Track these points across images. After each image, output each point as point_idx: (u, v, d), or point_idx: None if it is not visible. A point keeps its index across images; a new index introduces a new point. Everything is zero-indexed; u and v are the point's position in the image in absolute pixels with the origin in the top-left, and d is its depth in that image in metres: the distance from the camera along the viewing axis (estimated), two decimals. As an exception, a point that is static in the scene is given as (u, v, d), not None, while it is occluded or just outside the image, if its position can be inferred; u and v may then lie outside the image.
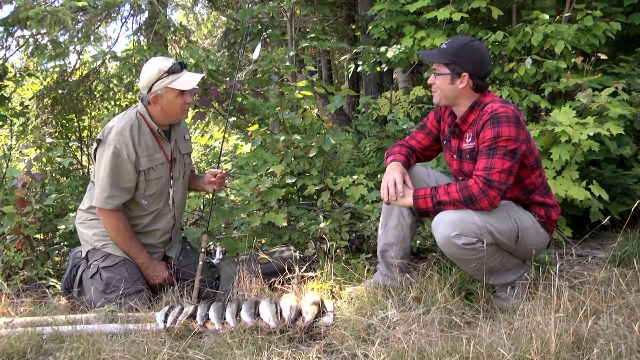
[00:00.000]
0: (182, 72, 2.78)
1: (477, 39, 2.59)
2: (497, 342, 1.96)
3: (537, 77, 4.21)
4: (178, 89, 2.74)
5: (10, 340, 2.19)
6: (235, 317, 2.32)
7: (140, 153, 2.76)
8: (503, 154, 2.37)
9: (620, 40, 4.85)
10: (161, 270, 2.86)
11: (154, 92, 2.75)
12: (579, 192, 3.40)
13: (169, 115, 2.82)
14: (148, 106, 2.80)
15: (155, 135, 2.84)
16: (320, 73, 11.82)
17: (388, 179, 2.54)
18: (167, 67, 2.73)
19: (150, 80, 2.74)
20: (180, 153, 2.99)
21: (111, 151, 2.69)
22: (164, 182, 2.88)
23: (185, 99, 2.80)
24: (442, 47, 2.54)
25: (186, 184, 3.07)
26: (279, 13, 5.54)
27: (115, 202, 2.73)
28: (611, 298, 2.29)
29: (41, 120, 5.38)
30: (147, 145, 2.80)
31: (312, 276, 2.89)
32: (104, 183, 2.71)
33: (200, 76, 2.81)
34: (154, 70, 2.74)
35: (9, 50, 4.95)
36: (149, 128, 2.83)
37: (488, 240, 2.35)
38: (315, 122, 3.86)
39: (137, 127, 2.79)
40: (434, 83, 2.57)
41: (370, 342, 2.10)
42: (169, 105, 2.78)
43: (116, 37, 6.55)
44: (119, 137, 2.71)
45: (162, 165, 2.85)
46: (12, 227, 3.17)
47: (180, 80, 2.74)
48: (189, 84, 2.75)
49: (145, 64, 2.81)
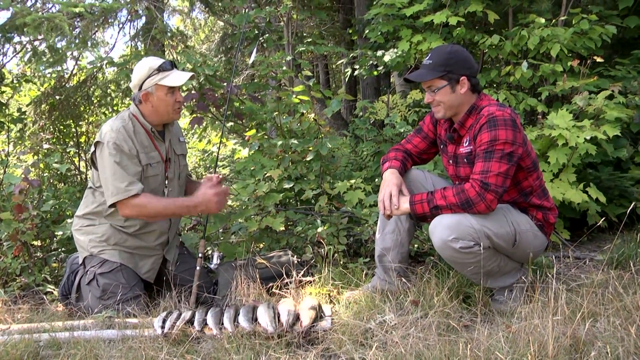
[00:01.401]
0: (172, 70, 2.83)
1: (454, 43, 2.59)
2: (494, 346, 1.96)
3: (534, 80, 4.22)
4: (167, 86, 2.78)
5: (6, 348, 2.18)
6: (233, 322, 2.31)
7: (139, 149, 2.78)
8: (500, 157, 2.37)
9: (616, 43, 4.87)
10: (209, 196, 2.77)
11: (145, 90, 2.80)
12: (576, 194, 3.41)
13: (161, 113, 2.85)
14: (139, 105, 2.84)
15: (150, 135, 2.86)
16: (317, 77, 11.84)
17: (384, 192, 2.54)
18: (157, 65, 2.79)
19: (141, 78, 2.80)
20: (175, 154, 2.99)
21: (112, 147, 2.70)
22: (160, 181, 2.89)
23: (175, 97, 2.84)
24: (427, 64, 2.51)
25: (182, 185, 3.07)
26: (275, 18, 5.55)
27: (136, 186, 2.68)
28: (609, 300, 2.29)
29: (38, 126, 5.38)
30: (143, 143, 2.82)
31: (309, 281, 2.88)
32: (117, 175, 2.67)
33: (190, 74, 2.84)
34: (144, 68, 2.80)
35: (6, 56, 4.96)
36: (143, 128, 2.85)
37: (485, 243, 2.35)
38: (312, 127, 3.87)
39: (131, 127, 2.81)
40: (432, 100, 2.54)
41: (368, 347, 2.10)
42: (159, 102, 2.81)
43: (113, 43, 6.55)
44: (117, 134, 2.73)
45: (157, 163, 2.87)
46: (10, 234, 3.16)
47: (169, 77, 2.79)
48: (178, 80, 2.78)
49: (137, 64, 2.86)
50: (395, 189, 2.54)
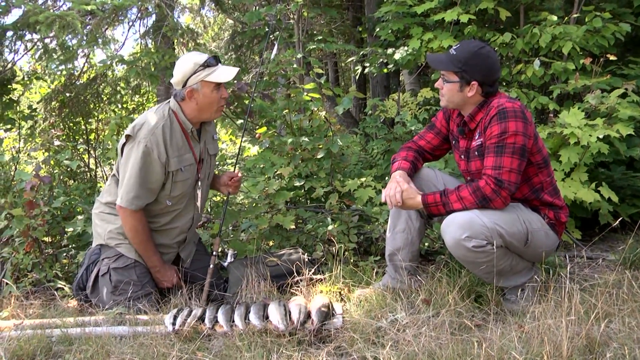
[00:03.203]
0: (218, 65, 2.74)
1: (487, 44, 2.57)
2: (508, 345, 1.95)
3: (545, 78, 4.19)
4: (214, 82, 2.69)
5: (20, 343, 2.19)
6: (244, 320, 2.31)
7: (170, 154, 2.70)
8: (512, 152, 2.36)
9: (629, 41, 4.82)
10: (171, 275, 2.84)
11: (190, 87, 2.69)
12: (588, 194, 3.38)
13: (204, 111, 2.76)
14: (182, 102, 2.74)
15: (187, 135, 2.78)
16: (327, 75, 11.83)
17: (390, 188, 2.53)
18: (203, 61, 2.69)
19: (186, 74, 2.69)
20: (208, 154, 2.93)
21: (141, 150, 2.63)
22: (190, 183, 2.83)
23: (221, 93, 2.75)
24: (451, 54, 2.51)
25: (209, 185, 3.04)
26: (286, 15, 5.54)
27: (140, 202, 2.68)
28: (623, 301, 2.27)
29: (49, 123, 5.40)
30: (178, 145, 2.74)
31: (320, 279, 2.88)
32: (131, 182, 2.65)
33: (237, 69, 2.76)
34: (189, 64, 2.69)
35: (17, 54, 4.98)
36: (181, 127, 2.76)
37: (498, 242, 2.34)
38: (322, 125, 3.86)
39: (169, 125, 2.72)
40: (441, 88, 2.56)
41: (380, 345, 2.09)
42: (204, 99, 2.72)
43: (123, 40, 6.57)
44: (151, 135, 2.65)
45: (190, 166, 2.80)
46: (21, 230, 3.17)
47: (216, 73, 2.70)
48: (226, 76, 2.70)
49: (179, 59, 2.75)
50: (404, 183, 2.52)
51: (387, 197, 2.53)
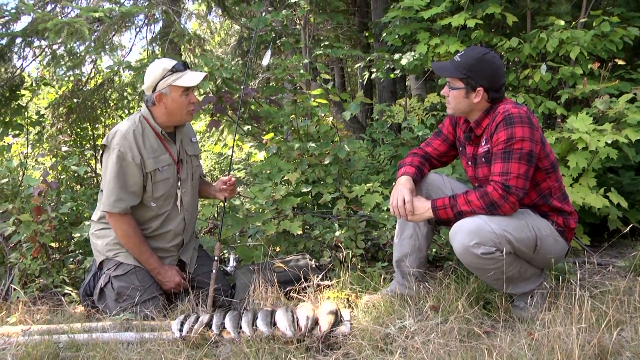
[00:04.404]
0: (186, 70, 2.82)
1: (491, 50, 2.57)
2: (517, 353, 1.93)
3: (553, 83, 4.17)
4: (182, 86, 2.77)
5: (27, 348, 2.19)
6: (252, 326, 2.30)
7: (145, 155, 2.77)
8: (519, 157, 2.35)
9: (638, 46, 4.78)
10: (172, 275, 2.85)
11: (159, 91, 2.78)
12: (596, 199, 3.35)
13: (174, 115, 2.84)
14: (152, 107, 2.83)
15: (160, 137, 2.85)
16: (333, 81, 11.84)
17: (396, 197, 2.52)
18: (171, 66, 2.78)
19: (155, 79, 2.78)
20: (187, 154, 2.99)
21: (115, 155, 2.71)
22: (172, 183, 2.88)
23: (189, 98, 2.83)
24: (455, 60, 2.51)
25: (196, 187, 3.07)
26: (292, 21, 5.55)
27: (122, 205, 2.73)
28: (635, 308, 2.24)
29: (56, 129, 5.43)
30: (152, 147, 2.82)
31: (328, 285, 2.87)
32: (111, 187, 2.73)
33: (203, 74, 2.83)
34: (158, 70, 2.78)
35: (26, 60, 5.02)
36: (153, 130, 2.84)
37: (507, 249, 2.32)
38: (330, 130, 3.85)
39: (141, 130, 2.81)
40: (448, 95, 2.56)
41: (388, 352, 2.08)
42: (173, 103, 2.80)
43: (130, 46, 6.60)
44: (123, 140, 2.74)
45: (168, 166, 2.86)
46: (29, 235, 3.18)
47: (184, 77, 2.78)
48: (193, 80, 2.77)
49: (150, 66, 2.85)
50: (408, 193, 2.51)
51: (394, 208, 2.52)
